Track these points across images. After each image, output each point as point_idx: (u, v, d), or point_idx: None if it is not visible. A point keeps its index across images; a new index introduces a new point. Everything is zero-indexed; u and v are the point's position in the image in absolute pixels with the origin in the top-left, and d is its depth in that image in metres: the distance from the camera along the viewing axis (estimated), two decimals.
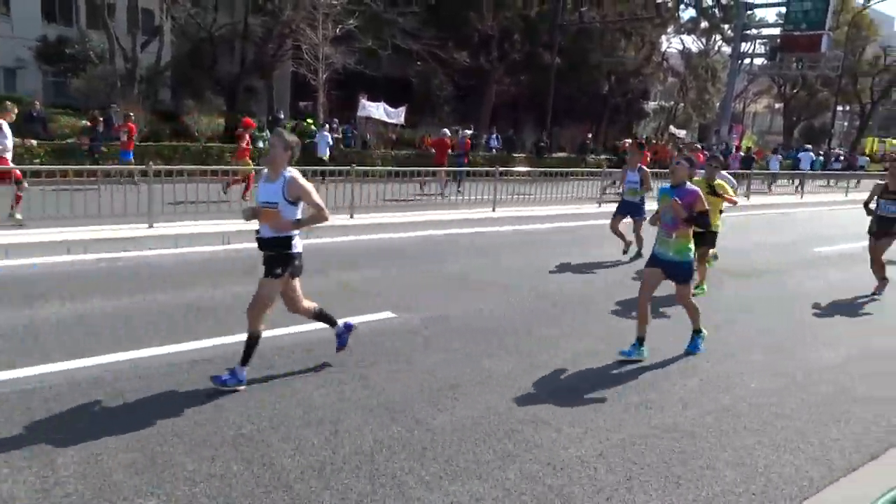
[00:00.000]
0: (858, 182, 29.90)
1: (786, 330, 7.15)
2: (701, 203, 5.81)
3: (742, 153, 29.90)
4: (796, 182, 26.93)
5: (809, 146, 35.05)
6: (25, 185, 10.15)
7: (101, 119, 18.01)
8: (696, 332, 6.18)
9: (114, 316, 6.18)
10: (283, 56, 28.86)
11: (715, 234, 8.42)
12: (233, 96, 26.44)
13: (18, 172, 10.21)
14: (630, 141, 23.77)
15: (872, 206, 8.98)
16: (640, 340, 5.90)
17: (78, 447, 3.83)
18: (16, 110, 10.68)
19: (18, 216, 9.84)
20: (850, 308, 8.31)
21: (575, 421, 4.58)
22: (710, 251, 8.72)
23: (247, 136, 15.00)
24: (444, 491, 3.64)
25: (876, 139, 59.23)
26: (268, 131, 24.53)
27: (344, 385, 4.92)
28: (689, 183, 5.93)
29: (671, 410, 4.87)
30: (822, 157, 34.07)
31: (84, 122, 18.75)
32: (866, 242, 9.26)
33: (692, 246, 5.98)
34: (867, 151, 48.19)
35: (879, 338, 7.09)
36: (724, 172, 10.09)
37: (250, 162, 14.80)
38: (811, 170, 29.03)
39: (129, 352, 5.27)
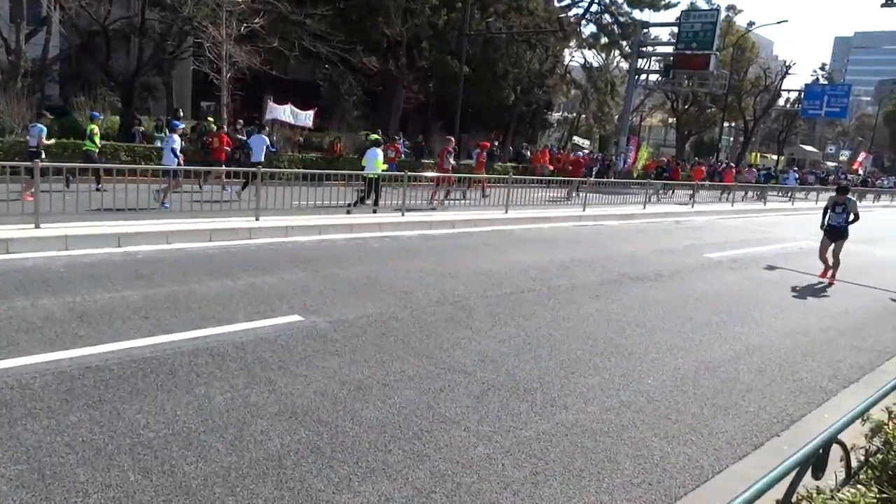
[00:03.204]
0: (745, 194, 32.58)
1: (680, 329, 7.55)
2: None
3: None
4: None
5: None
6: None
7: None
8: None
9: None
10: (184, 53, 27.75)
11: None
12: (129, 93, 25.14)
13: None
14: None
15: None
16: None
17: None
18: None
19: None
20: (737, 308, 8.86)
21: (483, 420, 4.66)
22: None
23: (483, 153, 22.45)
24: (354, 492, 3.61)
25: (758, 154, 63.71)
26: (167, 130, 23.60)
27: (249, 389, 4.79)
28: None
29: (574, 408, 5.04)
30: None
31: None
32: (753, 249, 9.95)
33: None
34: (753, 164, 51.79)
35: (763, 335, 7.62)
36: None
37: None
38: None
39: (12, 359, 4.91)
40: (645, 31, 40.14)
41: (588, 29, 45.42)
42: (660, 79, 41.88)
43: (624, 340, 6.90)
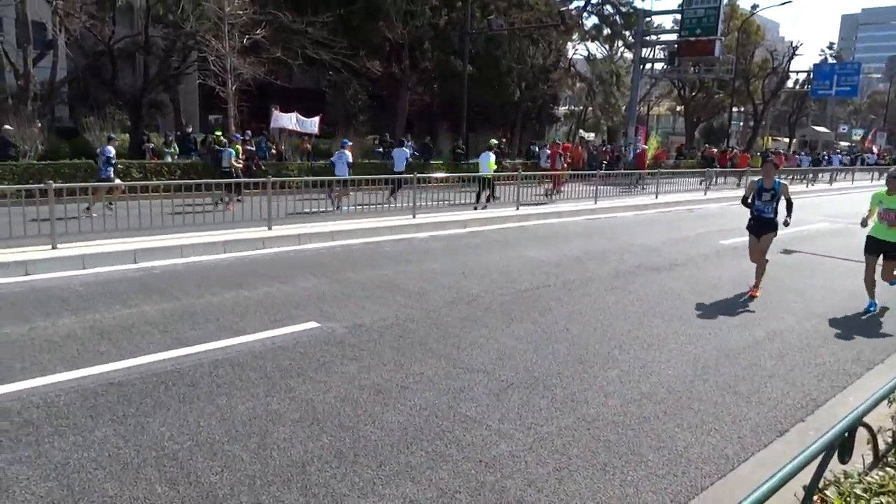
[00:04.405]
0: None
1: (698, 318, 7.51)
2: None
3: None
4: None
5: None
6: None
7: None
8: None
9: (16, 342, 5.82)
10: (189, 68, 27.95)
11: None
12: (137, 111, 25.37)
13: None
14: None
15: None
16: None
17: None
18: None
19: None
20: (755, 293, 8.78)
21: (503, 418, 4.66)
22: None
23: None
24: (379, 495, 3.63)
25: (770, 137, 63.08)
26: (175, 146, 23.80)
27: (270, 397, 4.82)
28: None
29: (595, 401, 5.03)
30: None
31: None
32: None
33: None
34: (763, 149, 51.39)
35: (783, 320, 7.55)
36: None
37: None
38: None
39: (36, 379, 4.98)
40: (647, 19, 39.93)
41: (590, 21, 45.26)
42: (665, 67, 41.57)
43: (642, 332, 6.86)
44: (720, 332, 6.98)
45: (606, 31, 45.09)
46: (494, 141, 21.20)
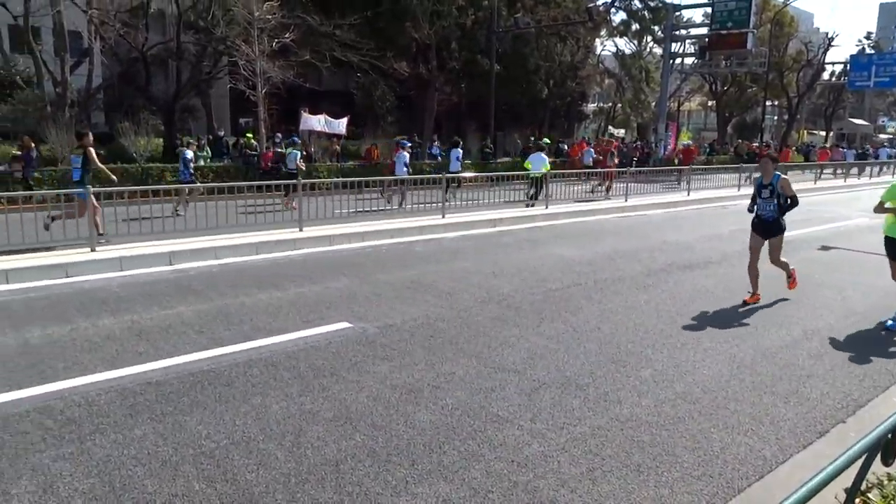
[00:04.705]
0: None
1: (733, 316, 7.40)
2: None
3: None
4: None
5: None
6: None
7: (34, 145, 17.48)
8: None
9: (58, 343, 5.97)
10: (220, 73, 28.39)
11: None
12: (170, 116, 25.87)
13: None
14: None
15: None
16: None
17: (32, 476, 3.70)
18: None
19: None
20: (792, 292, 8.59)
21: (536, 417, 4.65)
22: None
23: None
24: (412, 494, 3.65)
25: (805, 131, 61.73)
26: (208, 149, 24.17)
27: (304, 397, 4.87)
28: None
29: (628, 401, 4.98)
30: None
31: (14, 149, 18.11)
32: (801, 231, 9.46)
33: None
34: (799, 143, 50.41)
35: (822, 318, 7.40)
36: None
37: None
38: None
39: (77, 378, 5.11)
40: (677, 14, 39.57)
41: (618, 16, 44.94)
42: (696, 62, 41.05)
43: (675, 331, 6.78)
44: (756, 331, 6.86)
45: (635, 26, 44.64)
46: (547, 140, 22.05)
